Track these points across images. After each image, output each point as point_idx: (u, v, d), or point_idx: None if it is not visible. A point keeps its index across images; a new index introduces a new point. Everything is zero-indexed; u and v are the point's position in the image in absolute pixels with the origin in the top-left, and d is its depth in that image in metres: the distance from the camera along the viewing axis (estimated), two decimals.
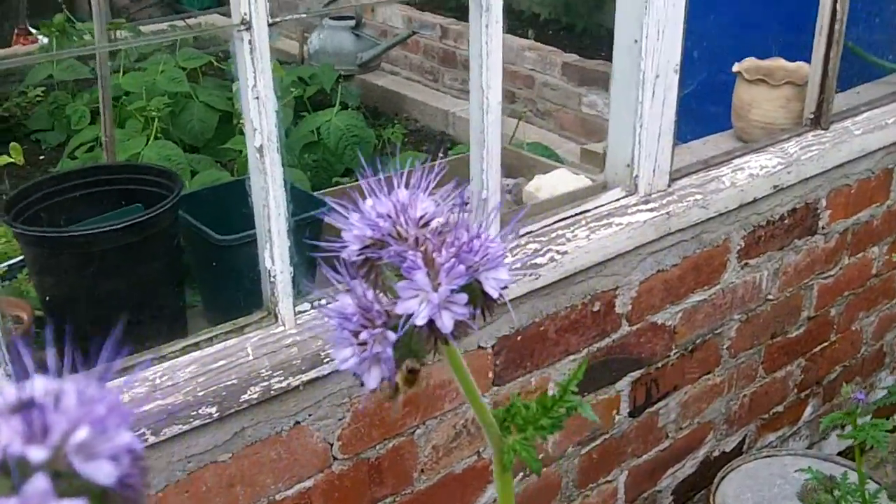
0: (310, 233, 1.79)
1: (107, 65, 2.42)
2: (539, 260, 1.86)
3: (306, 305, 1.67)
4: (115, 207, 1.73)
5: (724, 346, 2.32)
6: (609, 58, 2.06)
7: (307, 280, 1.87)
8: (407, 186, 0.52)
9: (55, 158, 3.90)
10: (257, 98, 1.45)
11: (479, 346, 1.85)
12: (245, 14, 1.39)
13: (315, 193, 2.27)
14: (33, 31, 5.38)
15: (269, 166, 1.50)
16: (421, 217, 0.51)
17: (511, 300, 1.89)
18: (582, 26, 4.94)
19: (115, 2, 6.26)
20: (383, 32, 5.07)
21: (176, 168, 2.89)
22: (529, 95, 4.35)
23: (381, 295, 0.51)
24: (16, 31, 5.64)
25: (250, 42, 1.41)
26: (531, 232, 1.91)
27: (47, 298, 1.72)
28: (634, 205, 2.02)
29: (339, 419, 1.67)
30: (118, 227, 1.62)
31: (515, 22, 5.29)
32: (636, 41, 1.92)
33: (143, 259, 1.71)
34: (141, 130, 3.62)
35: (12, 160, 3.85)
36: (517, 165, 2.41)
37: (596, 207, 2.00)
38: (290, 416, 1.60)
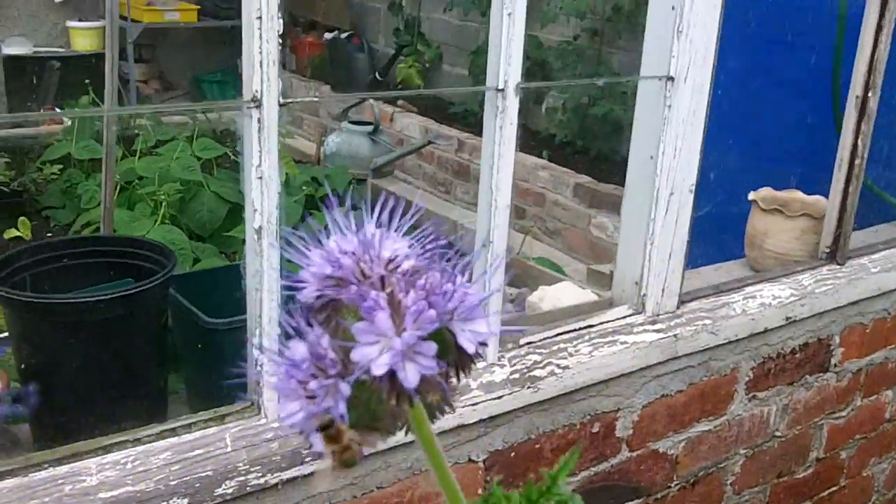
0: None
1: (112, 130, 2.40)
2: (538, 372, 1.78)
3: None
4: (105, 280, 1.67)
5: (728, 482, 2.21)
6: (622, 182, 2.02)
7: None
8: (379, 225, 0.46)
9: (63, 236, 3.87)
10: (260, 178, 1.40)
11: (470, 459, 1.75)
12: (256, 91, 1.36)
13: None
14: (58, 111, 5.46)
15: (266, 249, 1.44)
16: (391, 258, 0.44)
17: (507, 413, 1.81)
18: (596, 150, 4.96)
19: (141, 91, 6.36)
20: (400, 141, 5.11)
21: (179, 254, 2.85)
22: (539, 213, 4.33)
23: (338, 345, 0.44)
24: (42, 110, 5.73)
25: (259, 120, 1.38)
26: (532, 343, 1.84)
27: (23, 366, 1.64)
28: (641, 324, 1.95)
29: None
30: (104, 298, 1.55)
31: (531, 141, 5.32)
32: (652, 157, 1.88)
33: (128, 334, 1.64)
34: (149, 214, 3.60)
35: (19, 234, 3.83)
36: (522, 276, 2.36)
37: (601, 323, 1.93)
38: None
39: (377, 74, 6.22)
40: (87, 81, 4.77)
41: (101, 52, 6.26)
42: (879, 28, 2.15)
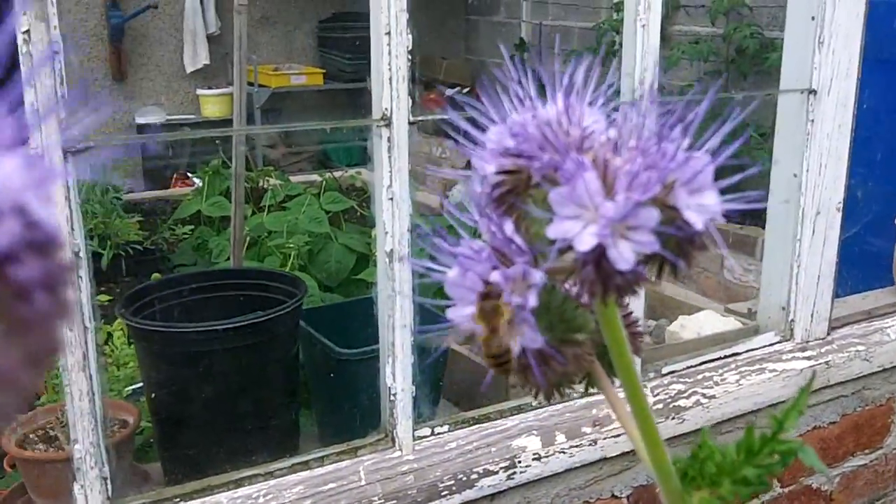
0: (436, 353, 1.69)
1: (242, 148, 2.44)
2: (683, 402, 1.70)
3: (426, 430, 1.55)
4: (236, 312, 1.68)
5: None
6: (753, 223, 1.93)
7: (430, 404, 1.76)
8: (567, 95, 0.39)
9: None
10: (391, 199, 1.39)
11: (613, 495, 1.68)
12: (386, 109, 1.35)
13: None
14: (190, 174, 5.66)
15: (398, 272, 1.42)
16: (586, 130, 0.37)
17: None
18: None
19: (268, 156, 6.54)
20: None
21: (308, 301, 2.87)
22: None
23: (526, 232, 0.37)
24: (175, 175, 5.96)
25: (389, 139, 1.37)
26: (675, 372, 1.76)
27: (153, 395, 1.65)
28: (790, 351, 1.84)
29: None
30: (233, 326, 1.56)
31: None
32: (795, 175, 1.80)
33: (259, 365, 1.64)
34: (279, 266, 3.66)
35: None
36: (659, 307, 2.27)
37: (747, 351, 1.83)
38: None
39: None
40: (216, 142, 4.93)
41: (229, 118, 6.50)
42: None
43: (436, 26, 7.13)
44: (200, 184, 4.72)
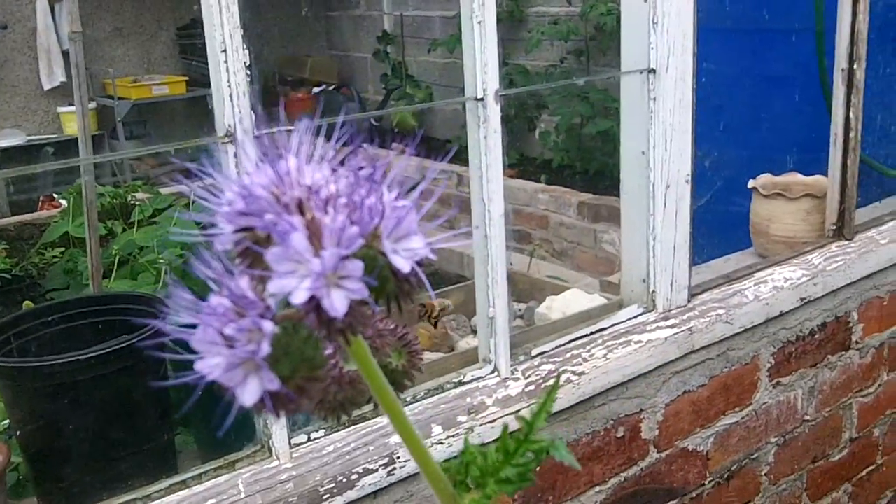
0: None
1: (92, 187, 2.40)
2: (553, 382, 1.74)
3: (303, 437, 1.55)
4: (101, 339, 1.65)
5: (763, 473, 2.15)
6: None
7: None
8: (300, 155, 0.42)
9: None
10: None
11: None
12: (229, 126, 1.35)
13: None
14: (56, 196, 5.49)
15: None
16: (311, 186, 0.40)
17: None
18: (594, 168, 4.94)
19: (136, 168, 6.39)
20: (399, 183, 5.09)
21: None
22: (545, 235, 4.30)
23: (257, 283, 0.40)
24: (41, 198, 5.77)
25: (235, 155, 1.36)
26: (545, 353, 1.80)
27: (21, 432, 1.61)
28: (653, 321, 1.91)
29: None
30: (94, 355, 1.53)
31: (529, 168, 5.32)
32: (643, 152, 1.86)
33: (126, 390, 1.61)
34: (153, 283, 3.59)
35: None
36: (528, 290, 2.32)
37: (612, 325, 1.89)
38: None
39: (372, 121, 6.24)
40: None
41: (96, 134, 6.32)
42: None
43: (298, 24, 7.08)
44: (66, 205, 4.59)
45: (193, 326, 0.39)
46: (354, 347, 0.42)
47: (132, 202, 4.52)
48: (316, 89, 6.52)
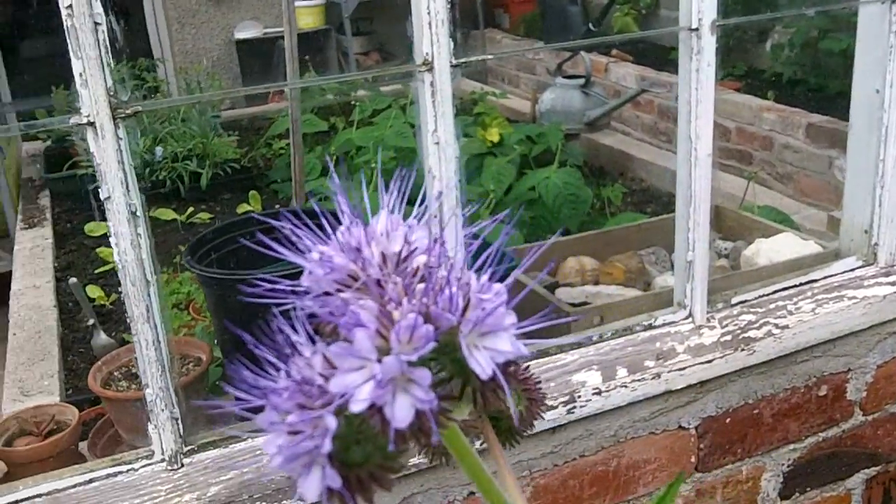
0: None
1: (297, 105, 2.45)
2: (753, 333, 1.65)
3: None
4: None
5: None
6: None
7: None
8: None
9: None
10: (437, 143, 1.36)
11: (681, 426, 1.66)
12: (427, 54, 1.32)
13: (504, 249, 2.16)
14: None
15: (447, 217, 1.40)
16: (401, 252, 0.36)
17: (719, 377, 1.69)
18: (832, 87, 4.58)
19: (361, 64, 6.53)
20: (616, 92, 4.94)
21: None
22: (767, 157, 4.05)
23: (327, 369, 0.35)
24: (272, 91, 6.01)
25: (432, 84, 1.33)
26: (746, 301, 1.71)
27: (223, 337, 1.70)
28: (873, 276, 1.76)
29: None
30: (286, 273, 1.57)
31: (755, 82, 5.00)
32: (877, 91, 1.69)
33: None
34: (367, 183, 3.69)
35: (250, 208, 4.04)
36: (738, 228, 2.19)
37: (825, 278, 1.76)
38: None
39: (591, 25, 6.05)
40: (306, 58, 4.95)
41: (324, 28, 6.49)
42: None
43: None
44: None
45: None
46: (450, 433, 0.38)
47: (353, 101, 4.62)
48: None
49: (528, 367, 0.45)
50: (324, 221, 0.40)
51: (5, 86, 5.20)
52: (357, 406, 0.32)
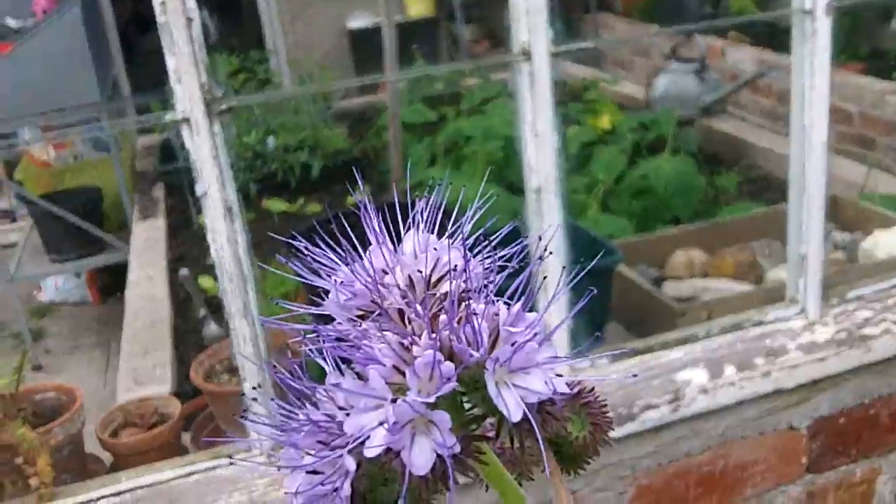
0: (594, 284, 1.64)
1: (397, 99, 2.44)
2: (870, 330, 1.57)
3: (586, 363, 1.51)
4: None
5: None
6: None
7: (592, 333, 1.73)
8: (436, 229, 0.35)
9: None
10: (536, 135, 1.34)
11: (791, 427, 1.59)
12: (524, 43, 1.29)
13: (609, 242, 2.12)
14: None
15: (546, 211, 1.37)
16: (432, 276, 0.33)
17: (832, 376, 1.61)
18: None
19: (472, 51, 6.51)
20: (733, 76, 4.78)
21: (494, 209, 2.86)
22: (892, 143, 3.87)
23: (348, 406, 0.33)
24: (381, 82, 6.06)
25: (530, 74, 1.31)
26: (863, 297, 1.63)
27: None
28: None
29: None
30: None
31: (878, 63, 4.77)
32: None
33: None
34: (474, 173, 3.67)
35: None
36: (856, 219, 2.09)
37: None
38: None
39: (709, 7, 5.88)
40: (414, 47, 4.97)
41: (432, 17, 6.49)
42: None
43: None
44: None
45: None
46: (487, 458, 0.35)
47: (462, 90, 4.61)
48: None
49: (592, 389, 0.42)
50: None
51: (125, 80, 5.38)
52: (370, 452, 0.30)
